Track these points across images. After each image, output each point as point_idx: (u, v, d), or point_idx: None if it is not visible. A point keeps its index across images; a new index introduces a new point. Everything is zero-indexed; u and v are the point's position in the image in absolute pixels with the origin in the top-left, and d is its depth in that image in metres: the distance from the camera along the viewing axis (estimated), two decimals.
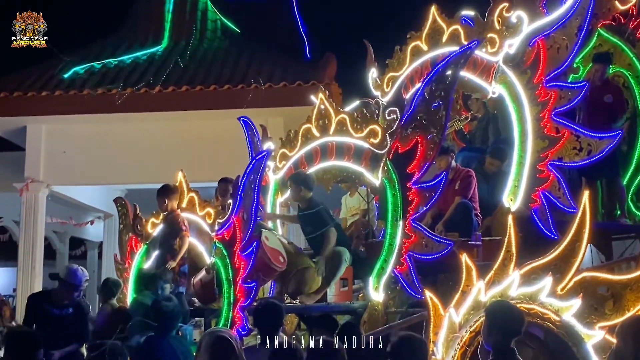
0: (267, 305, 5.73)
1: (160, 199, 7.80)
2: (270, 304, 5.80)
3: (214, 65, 14.17)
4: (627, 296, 5.80)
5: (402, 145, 6.72)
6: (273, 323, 5.43)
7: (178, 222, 7.64)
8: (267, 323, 5.44)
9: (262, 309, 5.64)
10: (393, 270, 6.62)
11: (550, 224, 6.92)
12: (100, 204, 16.33)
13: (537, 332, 5.40)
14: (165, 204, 7.75)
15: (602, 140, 6.95)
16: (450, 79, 6.63)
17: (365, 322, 7.01)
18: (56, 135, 13.87)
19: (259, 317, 5.58)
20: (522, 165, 7.15)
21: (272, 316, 5.48)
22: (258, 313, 5.66)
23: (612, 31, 8.31)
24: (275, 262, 6.88)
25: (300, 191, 7.57)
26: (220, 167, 10.85)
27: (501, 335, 4.55)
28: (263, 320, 5.51)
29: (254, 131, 8.32)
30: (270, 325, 5.42)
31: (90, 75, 13.93)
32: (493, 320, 4.61)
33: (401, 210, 6.62)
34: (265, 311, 5.58)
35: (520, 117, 7.23)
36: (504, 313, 4.71)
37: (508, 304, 5.10)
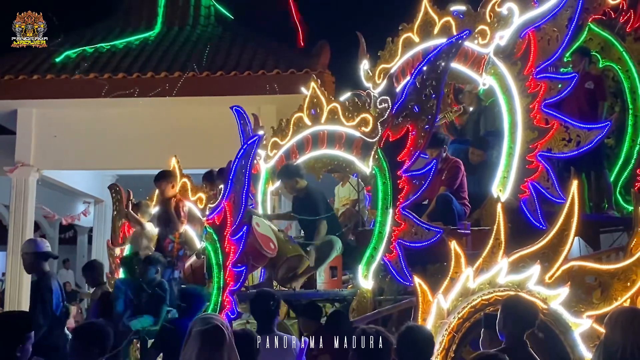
0: (262, 293, 5.82)
1: (161, 183, 7.85)
2: (266, 291, 5.88)
3: (207, 52, 14.14)
4: (614, 286, 5.89)
5: (393, 133, 6.75)
6: (268, 311, 5.53)
7: (179, 208, 7.74)
8: (262, 311, 5.55)
9: (257, 297, 5.72)
10: (382, 258, 6.66)
11: (539, 214, 6.99)
12: (90, 189, 16.32)
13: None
14: (167, 190, 7.81)
15: (590, 131, 7.02)
16: (441, 68, 6.66)
17: (354, 309, 7.07)
18: (47, 119, 13.83)
19: (255, 305, 5.68)
20: (511, 156, 7.20)
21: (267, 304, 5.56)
22: (253, 301, 5.74)
23: (603, 25, 8.35)
24: (266, 248, 6.91)
25: (296, 183, 7.60)
26: (212, 154, 10.90)
27: (516, 327, 4.71)
28: (258, 308, 5.61)
29: (247, 120, 8.33)
30: (265, 312, 5.53)
31: (82, 59, 13.89)
32: (509, 313, 4.77)
33: (391, 198, 6.65)
34: (261, 299, 5.66)
35: (510, 108, 7.28)
36: (520, 306, 4.88)
37: (524, 298, 5.21)
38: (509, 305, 4.87)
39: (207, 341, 3.93)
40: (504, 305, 4.88)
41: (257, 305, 5.64)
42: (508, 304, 4.89)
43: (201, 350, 3.90)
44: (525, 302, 5.07)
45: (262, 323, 5.53)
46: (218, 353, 3.93)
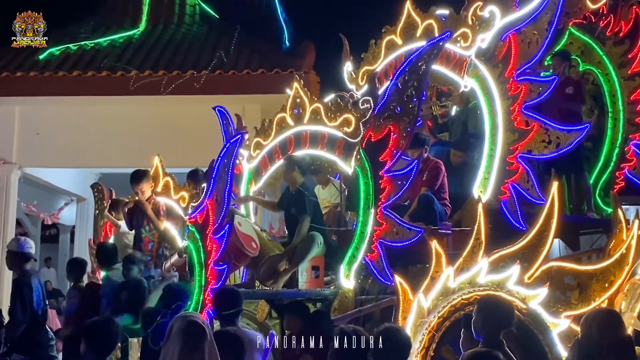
0: (224, 290, 5.84)
1: (138, 184, 7.83)
2: (228, 288, 5.91)
3: (191, 51, 14.12)
4: (592, 286, 5.98)
5: (375, 134, 6.78)
6: (232, 308, 5.55)
7: (157, 208, 7.74)
8: (225, 308, 5.56)
9: (220, 294, 5.75)
10: (364, 258, 6.69)
11: (519, 215, 7.05)
12: (73, 187, 16.23)
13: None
14: (143, 189, 7.80)
15: (570, 133, 7.10)
16: (422, 70, 6.71)
17: (335, 309, 7.09)
18: (30, 116, 13.76)
19: (217, 302, 5.71)
20: (492, 158, 7.25)
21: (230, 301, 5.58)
22: (215, 298, 5.77)
23: (583, 29, 8.44)
24: (248, 247, 6.92)
25: (292, 171, 7.48)
26: (195, 153, 10.91)
27: (492, 327, 4.72)
28: (222, 306, 5.62)
29: (229, 120, 8.32)
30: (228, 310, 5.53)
31: (66, 57, 13.83)
32: (485, 313, 4.78)
33: (373, 198, 6.69)
34: (223, 295, 5.69)
35: (491, 110, 7.34)
36: (496, 306, 4.90)
37: (500, 298, 5.26)
38: (485, 305, 4.90)
39: (188, 339, 3.96)
40: (479, 306, 4.90)
41: (222, 304, 5.64)
42: (484, 304, 4.91)
43: (182, 348, 3.92)
44: (501, 301, 5.12)
45: (226, 322, 5.51)
46: (199, 351, 3.95)
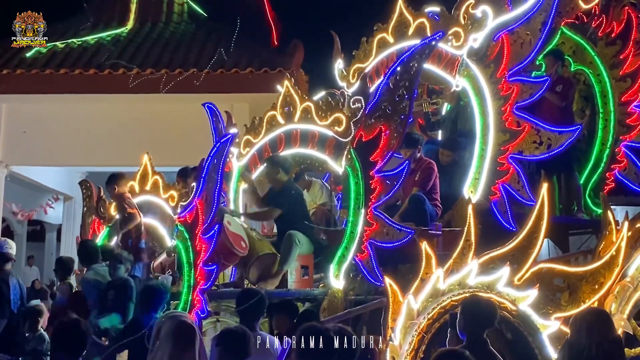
0: (249, 291, 5.87)
1: (109, 186, 7.76)
2: (254, 290, 5.96)
3: (179, 49, 14.06)
4: (582, 288, 5.96)
5: (366, 133, 6.75)
6: (254, 310, 5.63)
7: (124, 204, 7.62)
8: (248, 309, 5.63)
9: (244, 295, 5.77)
10: (354, 258, 6.66)
11: (509, 216, 7.04)
12: (59, 186, 16.12)
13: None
14: (115, 191, 7.72)
15: (561, 134, 7.10)
16: (414, 69, 6.69)
17: (325, 309, 7.04)
18: (16, 114, 13.67)
19: (241, 303, 5.73)
20: (483, 158, 7.25)
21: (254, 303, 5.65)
22: (240, 298, 5.79)
23: (575, 30, 8.42)
24: (237, 247, 6.88)
25: (277, 173, 7.50)
26: (184, 151, 10.84)
27: (475, 326, 4.82)
28: (245, 307, 5.66)
29: (219, 118, 8.26)
30: (251, 312, 5.62)
31: (53, 54, 13.74)
32: (468, 313, 4.88)
33: (363, 198, 6.66)
34: (248, 297, 5.71)
35: (483, 110, 7.34)
36: (478, 306, 4.99)
37: (482, 298, 5.27)
38: (467, 305, 4.99)
39: (179, 339, 3.93)
40: (462, 306, 5.00)
41: (243, 304, 5.68)
42: (467, 305, 5.01)
43: (174, 348, 3.89)
44: (484, 302, 5.16)
45: (245, 322, 5.57)
46: (190, 350, 3.92)
